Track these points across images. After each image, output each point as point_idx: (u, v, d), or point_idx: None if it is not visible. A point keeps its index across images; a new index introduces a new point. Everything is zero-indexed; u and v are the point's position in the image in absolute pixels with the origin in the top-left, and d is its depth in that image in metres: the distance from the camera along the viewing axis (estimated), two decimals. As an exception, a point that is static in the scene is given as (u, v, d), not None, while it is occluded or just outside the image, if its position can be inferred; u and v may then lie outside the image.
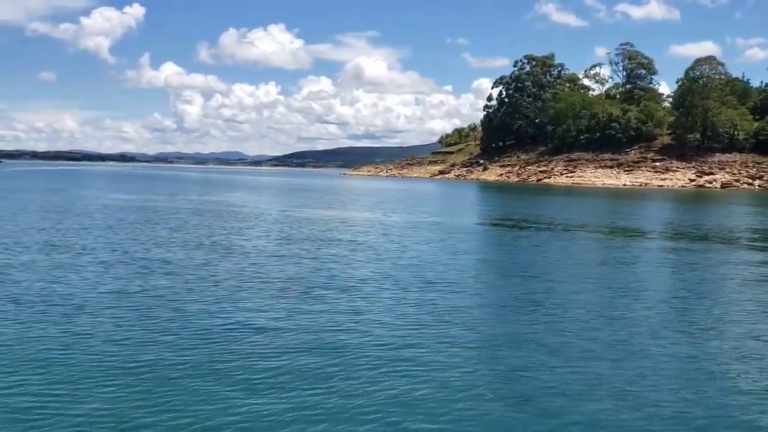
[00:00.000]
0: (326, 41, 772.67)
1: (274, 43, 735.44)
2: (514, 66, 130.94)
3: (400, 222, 30.72)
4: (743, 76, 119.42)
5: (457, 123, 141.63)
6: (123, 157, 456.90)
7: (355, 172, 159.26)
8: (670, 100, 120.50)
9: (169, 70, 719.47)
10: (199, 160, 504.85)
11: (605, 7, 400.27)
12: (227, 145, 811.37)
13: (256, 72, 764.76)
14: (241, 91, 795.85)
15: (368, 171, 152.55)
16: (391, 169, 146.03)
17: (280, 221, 29.97)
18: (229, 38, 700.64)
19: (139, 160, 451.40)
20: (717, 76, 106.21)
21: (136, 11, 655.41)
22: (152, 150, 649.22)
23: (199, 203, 41.96)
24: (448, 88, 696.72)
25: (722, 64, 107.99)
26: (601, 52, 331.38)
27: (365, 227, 27.69)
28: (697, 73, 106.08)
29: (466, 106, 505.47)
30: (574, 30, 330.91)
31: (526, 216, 37.06)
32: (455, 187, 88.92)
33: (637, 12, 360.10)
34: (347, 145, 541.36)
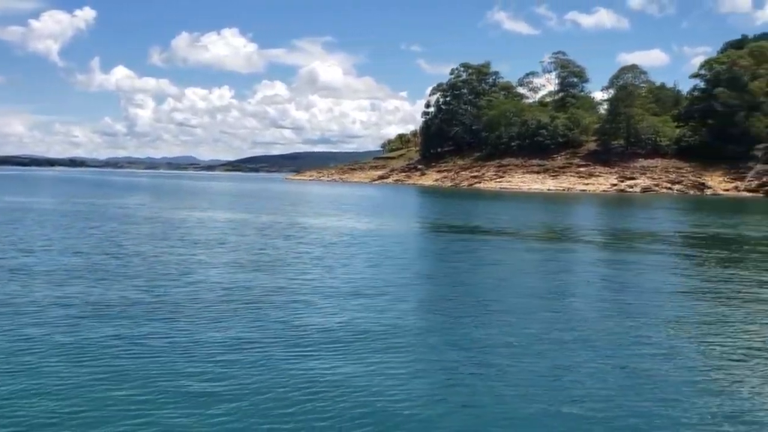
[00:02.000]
0: (281, 46, 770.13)
1: (227, 47, 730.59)
2: (451, 74, 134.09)
3: (316, 225, 32.29)
4: (675, 85, 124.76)
5: (412, 129, 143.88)
6: (72, 162, 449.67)
7: (298, 177, 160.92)
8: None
9: (121, 73, 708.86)
10: (151, 164, 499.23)
11: (556, 15, 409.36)
12: (180, 150, 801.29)
13: (209, 76, 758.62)
14: (194, 95, 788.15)
15: (311, 175, 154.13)
16: (333, 174, 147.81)
17: (167, 225, 31.39)
18: (181, 42, 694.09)
19: (89, 165, 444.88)
20: (641, 84, 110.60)
21: (87, 14, 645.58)
22: (103, 154, 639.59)
23: (82, 205, 43.13)
24: (404, 94, 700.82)
25: (645, 73, 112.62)
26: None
27: (275, 231, 28.61)
28: (621, 81, 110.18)
29: (421, 112, 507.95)
30: (526, 38, 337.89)
31: (441, 218, 39.56)
32: (388, 191, 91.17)
33: (587, 20, 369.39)
34: (303, 150, 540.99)
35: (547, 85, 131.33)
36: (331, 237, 26.30)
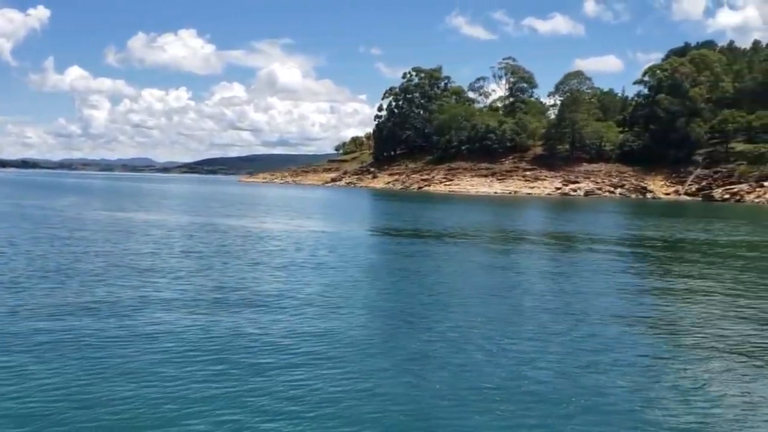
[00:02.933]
0: (239, 47, 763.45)
1: (185, 48, 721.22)
2: (403, 78, 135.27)
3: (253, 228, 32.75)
4: (623, 91, 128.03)
5: (369, 132, 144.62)
6: (25, 163, 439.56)
7: (251, 179, 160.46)
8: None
9: (75, 74, 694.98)
10: (106, 166, 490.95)
11: (513, 21, 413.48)
12: (135, 152, 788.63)
13: (166, 77, 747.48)
14: (151, 96, 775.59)
15: (264, 178, 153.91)
16: (285, 177, 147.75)
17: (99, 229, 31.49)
18: (137, 42, 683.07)
19: (42, 167, 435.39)
20: (586, 90, 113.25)
21: (41, 13, 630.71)
22: (57, 156, 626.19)
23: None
24: (363, 96, 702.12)
25: (590, 79, 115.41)
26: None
27: (211, 234, 28.77)
28: (566, 87, 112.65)
29: (374, 115, 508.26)
30: (483, 43, 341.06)
31: (377, 221, 40.33)
32: (337, 193, 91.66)
33: (543, 26, 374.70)
34: (261, 152, 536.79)
35: (498, 90, 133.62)
36: (273, 240, 26.51)
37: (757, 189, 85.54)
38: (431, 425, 7.52)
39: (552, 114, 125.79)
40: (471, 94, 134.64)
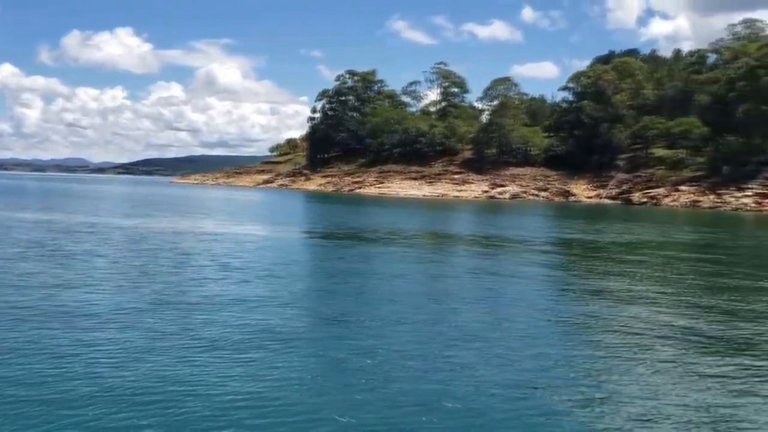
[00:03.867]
0: (177, 46, 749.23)
1: (121, 46, 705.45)
2: (337, 80, 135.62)
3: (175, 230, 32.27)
4: (553, 97, 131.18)
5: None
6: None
7: (183, 180, 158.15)
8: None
9: (6, 71, 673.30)
10: (38, 166, 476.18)
11: (453, 26, 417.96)
12: (69, 152, 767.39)
13: (101, 76, 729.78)
14: (85, 95, 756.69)
15: (196, 179, 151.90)
16: (218, 178, 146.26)
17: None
18: (72, 40, 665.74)
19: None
20: (513, 95, 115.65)
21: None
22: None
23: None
24: (304, 98, 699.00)
25: (517, 85, 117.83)
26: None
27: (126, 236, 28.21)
28: (494, 92, 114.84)
29: (307, 117, 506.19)
30: (424, 47, 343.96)
31: (299, 222, 40.07)
32: (268, 195, 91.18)
33: (482, 32, 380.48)
34: (200, 153, 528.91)
35: (430, 94, 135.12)
36: (194, 242, 26.24)
37: (673, 193, 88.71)
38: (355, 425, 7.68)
39: (484, 119, 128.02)
40: (404, 98, 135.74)
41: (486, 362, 10.10)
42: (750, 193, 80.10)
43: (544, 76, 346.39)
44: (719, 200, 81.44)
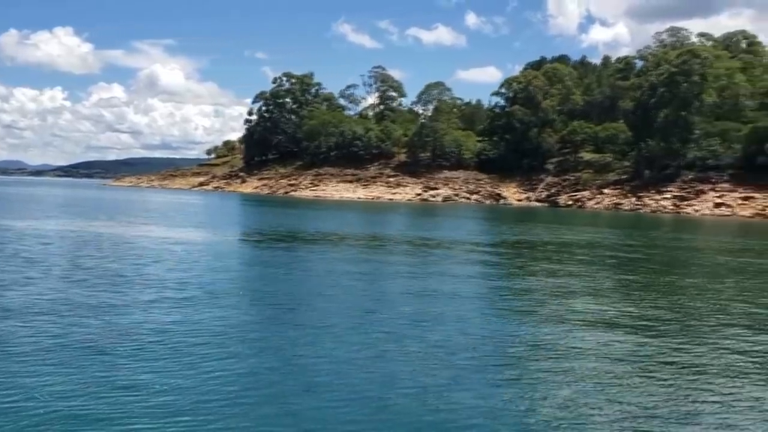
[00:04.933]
0: (119, 47, 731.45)
1: (60, 46, 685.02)
2: (273, 83, 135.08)
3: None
4: (489, 102, 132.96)
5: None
6: None
7: (117, 183, 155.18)
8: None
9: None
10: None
11: (398, 30, 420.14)
12: (6, 154, 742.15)
13: (40, 76, 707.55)
14: (23, 95, 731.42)
15: (130, 182, 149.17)
16: (152, 180, 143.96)
17: None
18: (9, 39, 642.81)
19: None
20: (446, 100, 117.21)
21: None
22: None
23: None
24: (248, 100, 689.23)
25: (450, 89, 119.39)
26: (394, 74, 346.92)
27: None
28: (427, 97, 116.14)
29: (244, 119, 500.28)
30: (369, 51, 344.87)
31: (223, 225, 39.69)
32: (201, 197, 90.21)
33: (427, 36, 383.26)
34: (141, 156, 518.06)
35: (368, 98, 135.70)
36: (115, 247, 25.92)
37: (597, 196, 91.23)
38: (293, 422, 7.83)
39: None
40: (342, 101, 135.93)
41: (419, 359, 10.51)
42: (669, 196, 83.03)
43: (488, 81, 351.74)
44: (639, 203, 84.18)
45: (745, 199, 77.92)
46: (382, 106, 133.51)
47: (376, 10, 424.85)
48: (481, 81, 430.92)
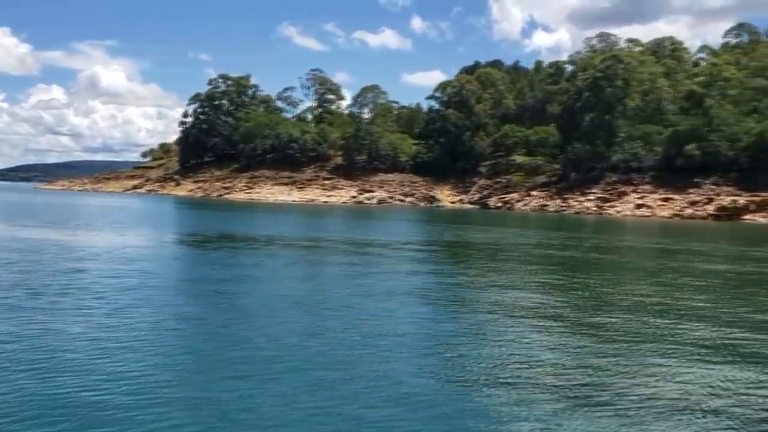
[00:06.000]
0: (59, 48, 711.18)
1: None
2: (209, 84, 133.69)
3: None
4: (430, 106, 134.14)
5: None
6: None
7: (49, 186, 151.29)
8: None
9: None
10: None
11: (344, 33, 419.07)
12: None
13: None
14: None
15: (63, 185, 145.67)
16: (85, 183, 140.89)
17: None
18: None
19: None
20: (380, 103, 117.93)
21: None
22: None
23: None
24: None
25: (385, 93, 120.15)
26: (341, 77, 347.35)
27: None
28: (363, 100, 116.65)
29: (179, 122, 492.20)
30: (316, 54, 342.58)
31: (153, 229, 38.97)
32: (133, 201, 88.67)
33: (373, 40, 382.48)
34: (82, 159, 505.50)
35: (306, 100, 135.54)
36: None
37: (526, 198, 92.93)
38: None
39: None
40: (280, 104, 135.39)
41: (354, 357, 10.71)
42: (592, 198, 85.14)
43: (433, 85, 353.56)
44: (564, 204, 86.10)
45: (665, 200, 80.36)
46: (320, 109, 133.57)
47: (322, 12, 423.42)
48: (426, 84, 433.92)
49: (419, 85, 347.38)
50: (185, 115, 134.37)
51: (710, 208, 76.91)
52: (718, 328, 13.70)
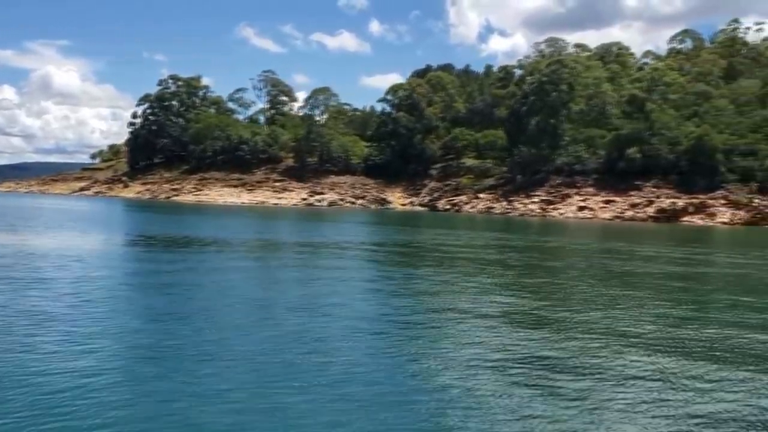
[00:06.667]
0: (9, 47, 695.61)
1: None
2: (159, 85, 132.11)
3: None
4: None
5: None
6: None
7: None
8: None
9: None
10: None
11: (302, 35, 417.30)
12: None
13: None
14: None
15: (8, 187, 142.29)
16: (32, 185, 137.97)
17: None
18: None
19: None
20: (331, 105, 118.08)
21: None
22: None
23: None
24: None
25: (336, 95, 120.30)
26: (300, 79, 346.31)
27: None
28: (313, 102, 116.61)
29: (128, 122, 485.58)
30: (273, 55, 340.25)
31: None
32: (79, 202, 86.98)
33: (331, 42, 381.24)
34: (34, 160, 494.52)
35: (258, 102, 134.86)
36: None
37: (473, 200, 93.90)
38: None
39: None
40: (231, 105, 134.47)
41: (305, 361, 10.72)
42: (536, 200, 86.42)
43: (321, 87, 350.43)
44: (510, 206, 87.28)
45: (606, 202, 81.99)
46: (272, 111, 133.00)
47: (279, 14, 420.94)
48: (385, 87, 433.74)
49: (378, 87, 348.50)
50: (134, 116, 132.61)
51: (650, 210, 78.69)
52: (653, 322, 14.45)
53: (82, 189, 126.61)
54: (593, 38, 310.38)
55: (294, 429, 7.77)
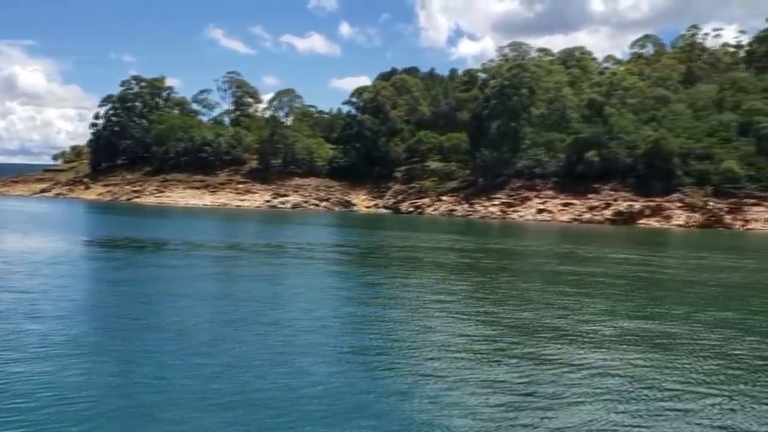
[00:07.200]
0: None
1: None
2: (122, 86, 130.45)
3: None
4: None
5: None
6: None
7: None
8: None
9: None
10: None
11: (272, 37, 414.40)
12: None
13: None
14: None
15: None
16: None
17: None
18: None
19: None
20: (296, 107, 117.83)
21: None
22: None
23: None
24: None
25: (300, 97, 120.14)
26: (270, 80, 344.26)
27: None
28: (278, 103, 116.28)
29: (89, 123, 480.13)
30: (243, 57, 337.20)
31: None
32: (37, 204, 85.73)
33: (301, 44, 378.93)
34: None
35: (222, 103, 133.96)
36: None
37: (436, 203, 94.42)
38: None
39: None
40: (195, 106, 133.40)
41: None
42: (497, 202, 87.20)
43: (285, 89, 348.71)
44: (471, 209, 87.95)
45: (565, 205, 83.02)
46: (237, 112, 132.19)
47: (249, 15, 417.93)
48: (354, 89, 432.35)
49: (348, 90, 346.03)
50: (96, 117, 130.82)
51: (608, 213, 79.88)
52: (607, 319, 15.09)
53: (42, 191, 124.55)
54: (560, 43, 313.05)
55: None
